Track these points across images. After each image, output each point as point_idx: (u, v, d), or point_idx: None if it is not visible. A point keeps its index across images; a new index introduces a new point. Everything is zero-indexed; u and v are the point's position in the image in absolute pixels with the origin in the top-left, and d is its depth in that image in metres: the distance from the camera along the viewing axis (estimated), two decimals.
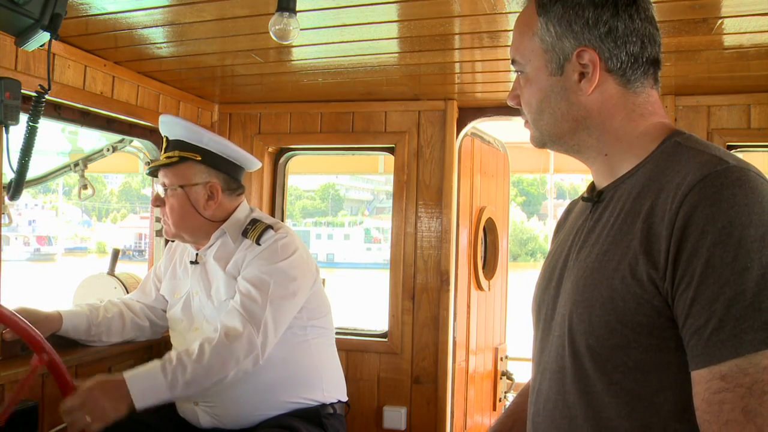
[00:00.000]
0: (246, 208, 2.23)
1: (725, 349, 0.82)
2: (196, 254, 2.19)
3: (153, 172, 2.21)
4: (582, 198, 1.14)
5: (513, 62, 1.10)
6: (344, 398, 2.27)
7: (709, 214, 0.84)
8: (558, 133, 1.08)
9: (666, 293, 0.88)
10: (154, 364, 1.84)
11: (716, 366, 0.82)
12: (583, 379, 0.98)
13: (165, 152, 2.14)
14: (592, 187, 1.13)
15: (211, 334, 2.08)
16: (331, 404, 2.19)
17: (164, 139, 2.16)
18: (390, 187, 2.95)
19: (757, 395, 0.79)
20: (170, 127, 2.16)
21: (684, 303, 0.86)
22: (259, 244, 2.08)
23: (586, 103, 1.03)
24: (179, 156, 2.11)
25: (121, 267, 2.74)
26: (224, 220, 2.17)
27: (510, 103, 1.14)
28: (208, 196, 2.14)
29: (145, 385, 1.79)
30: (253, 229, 2.13)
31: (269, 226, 2.12)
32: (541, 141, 1.11)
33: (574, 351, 0.99)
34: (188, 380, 1.82)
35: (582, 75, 1.02)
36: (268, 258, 2.05)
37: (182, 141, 2.12)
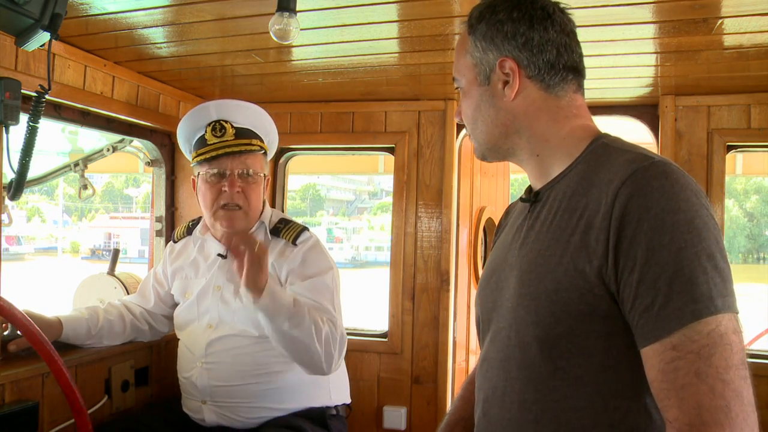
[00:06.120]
0: (268, 206, 2.25)
1: (673, 321, 0.90)
2: (227, 249, 2.13)
3: (215, 156, 2.08)
4: (521, 199, 1.23)
5: (454, 80, 1.22)
6: (348, 401, 2.28)
7: (643, 204, 0.94)
8: (492, 140, 1.18)
9: (609, 280, 0.97)
10: (288, 293, 1.92)
11: (667, 338, 0.90)
12: (530, 366, 1.06)
13: (237, 138, 2.08)
14: (529, 189, 1.23)
15: (226, 332, 2.07)
16: (336, 406, 2.20)
17: (219, 124, 2.09)
18: (371, 188, 2.95)
19: (705, 358, 0.88)
20: (248, 114, 2.14)
21: (630, 286, 0.94)
22: (295, 245, 2.10)
23: (512, 107, 1.14)
24: (259, 146, 2.14)
25: (93, 266, 2.73)
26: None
27: (456, 119, 1.26)
28: (263, 187, 2.17)
29: (278, 296, 1.82)
30: (287, 229, 2.13)
31: (305, 228, 2.15)
32: (481, 152, 1.22)
33: (520, 341, 1.08)
34: (299, 321, 1.84)
35: (506, 83, 1.13)
36: (318, 258, 2.08)
37: (253, 131, 2.14)
